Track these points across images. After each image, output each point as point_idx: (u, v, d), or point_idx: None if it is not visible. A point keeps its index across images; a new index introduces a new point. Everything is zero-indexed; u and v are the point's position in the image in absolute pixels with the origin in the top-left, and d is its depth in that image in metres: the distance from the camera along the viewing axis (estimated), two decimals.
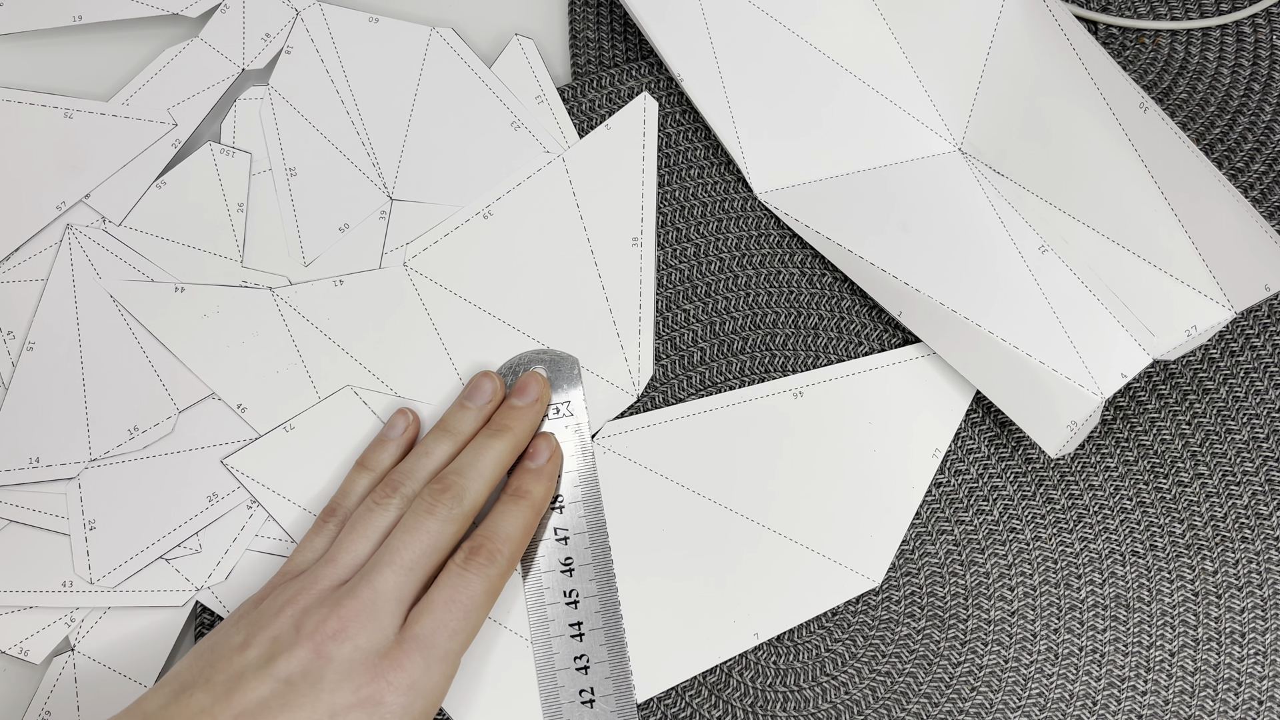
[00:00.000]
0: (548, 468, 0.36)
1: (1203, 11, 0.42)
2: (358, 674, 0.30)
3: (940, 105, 0.39)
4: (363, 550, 0.33)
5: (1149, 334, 0.35)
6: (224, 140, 0.40)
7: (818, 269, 0.39)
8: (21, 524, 0.37)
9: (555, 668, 0.34)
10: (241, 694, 0.29)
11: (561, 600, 0.35)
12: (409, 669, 0.30)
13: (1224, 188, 0.34)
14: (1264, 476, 0.37)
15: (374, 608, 0.31)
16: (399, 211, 0.39)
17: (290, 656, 0.30)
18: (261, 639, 0.31)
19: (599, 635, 0.35)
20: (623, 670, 0.35)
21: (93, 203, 0.39)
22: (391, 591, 0.31)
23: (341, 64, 0.41)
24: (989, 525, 0.37)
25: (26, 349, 0.38)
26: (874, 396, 0.37)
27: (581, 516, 0.36)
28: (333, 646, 0.30)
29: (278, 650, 0.30)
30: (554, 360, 0.37)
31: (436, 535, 0.32)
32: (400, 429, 0.37)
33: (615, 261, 0.38)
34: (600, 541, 0.36)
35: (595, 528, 0.36)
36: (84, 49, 0.42)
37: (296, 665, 0.30)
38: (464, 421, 0.36)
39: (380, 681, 0.30)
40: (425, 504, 0.33)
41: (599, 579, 0.35)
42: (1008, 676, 0.36)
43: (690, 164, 0.40)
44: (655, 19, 0.39)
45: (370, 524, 0.33)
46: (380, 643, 0.30)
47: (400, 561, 0.32)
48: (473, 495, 0.33)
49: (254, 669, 0.30)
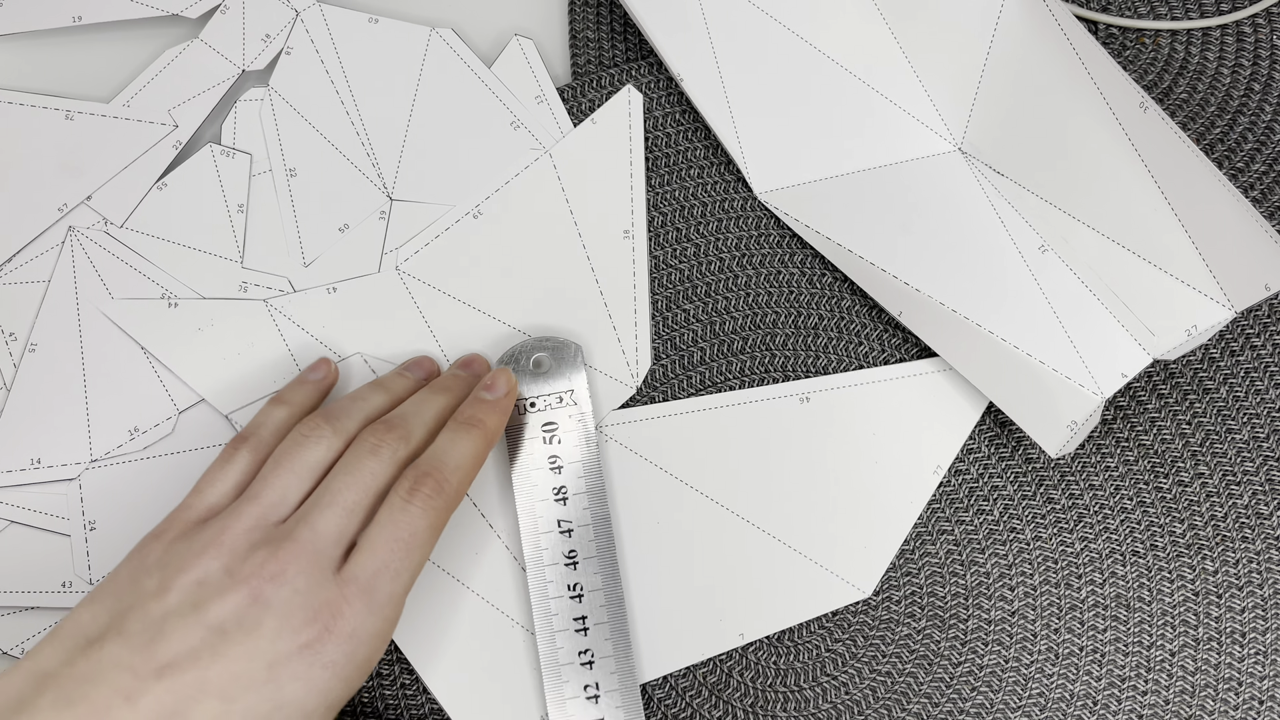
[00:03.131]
0: (504, 401, 0.34)
1: (1203, 11, 0.42)
2: (297, 620, 0.27)
3: (940, 105, 0.39)
4: (291, 486, 0.30)
5: (1149, 334, 0.35)
6: (224, 141, 0.40)
7: (818, 269, 0.39)
8: (22, 524, 0.37)
9: (559, 662, 0.34)
10: (166, 644, 0.27)
11: (565, 594, 0.35)
12: (350, 616, 0.28)
13: (1224, 188, 0.34)
14: (1264, 476, 0.37)
15: (314, 550, 0.28)
16: (399, 212, 0.39)
17: (222, 601, 0.27)
18: (183, 583, 0.28)
19: (604, 630, 0.34)
20: (628, 665, 0.34)
21: (94, 204, 0.39)
22: (332, 534, 0.29)
23: (341, 64, 0.41)
24: (989, 525, 0.37)
25: (28, 350, 0.38)
26: (881, 409, 0.37)
27: (586, 508, 0.35)
28: (270, 590, 0.27)
29: (206, 595, 0.27)
30: (556, 347, 0.37)
31: (378, 477, 0.30)
32: (320, 374, 0.35)
33: (608, 255, 0.39)
34: (605, 534, 0.35)
35: (600, 520, 0.35)
36: (84, 50, 0.42)
37: (230, 611, 0.27)
38: (399, 384, 0.34)
39: (319, 626, 0.27)
40: (369, 443, 0.31)
41: (603, 572, 0.35)
42: (1008, 676, 0.36)
43: (690, 164, 0.40)
44: (655, 19, 0.39)
45: (299, 458, 0.31)
46: (320, 587, 0.28)
47: (342, 503, 0.29)
48: (417, 439, 0.31)
49: (178, 615, 0.27)
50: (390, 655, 0.36)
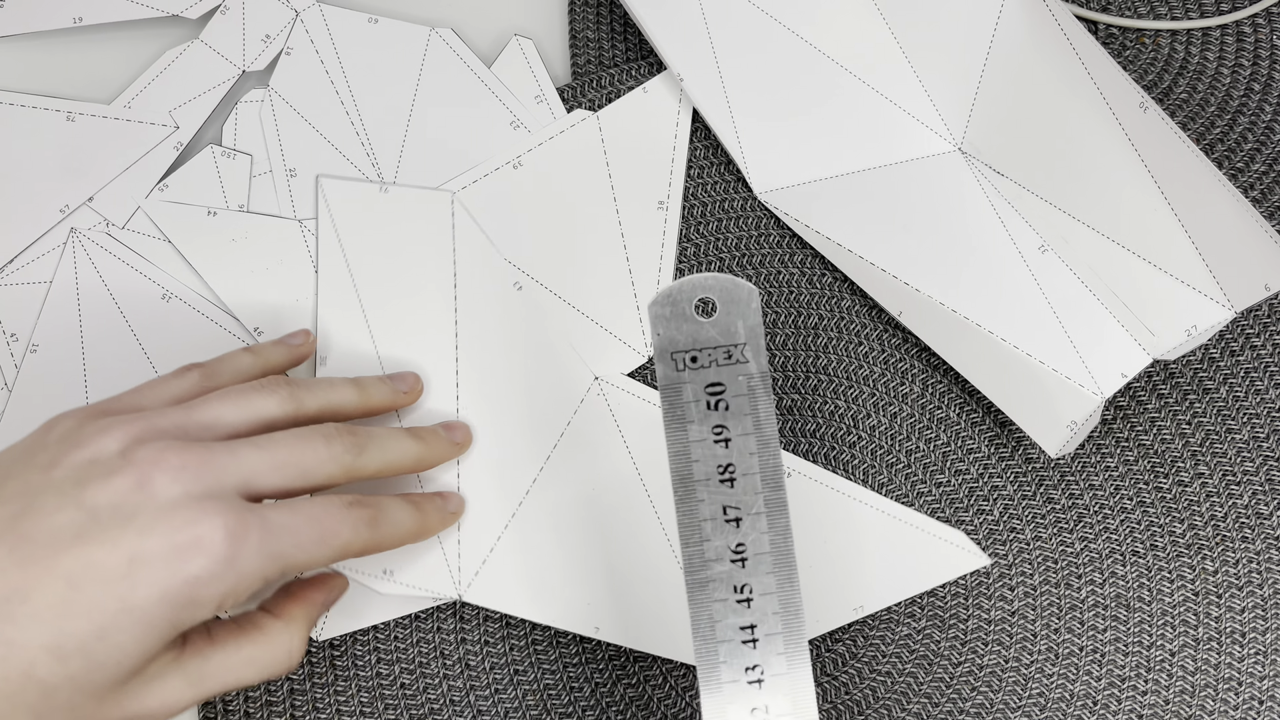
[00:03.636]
0: (450, 518, 0.34)
1: (1203, 11, 0.42)
2: (178, 519, 0.25)
3: (940, 105, 0.39)
4: (228, 417, 0.28)
5: (1149, 334, 0.35)
6: (225, 142, 0.40)
7: (818, 269, 0.39)
8: None
9: (722, 680, 0.28)
10: (32, 518, 0.25)
11: (731, 597, 0.28)
12: (236, 539, 0.25)
13: (1224, 187, 0.34)
14: (1264, 476, 0.37)
15: (223, 471, 0.26)
16: None
17: (107, 484, 0.25)
18: (76, 459, 0.26)
19: (777, 643, 0.28)
20: (805, 684, 0.28)
21: (96, 206, 0.39)
22: (248, 471, 0.27)
23: (341, 65, 0.41)
24: (989, 525, 0.37)
25: (30, 351, 0.38)
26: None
27: (759, 494, 0.28)
28: (161, 482, 0.25)
29: (92, 474, 0.26)
30: (727, 288, 0.28)
31: (319, 464, 0.29)
32: (298, 340, 0.35)
33: (639, 223, 0.39)
34: (780, 526, 0.28)
35: (775, 508, 0.28)
36: (85, 51, 0.42)
37: (110, 495, 0.25)
38: (378, 392, 0.34)
39: (197, 532, 0.25)
40: (326, 430, 0.29)
41: (778, 573, 0.28)
42: (1008, 676, 0.36)
43: (690, 164, 0.40)
44: (655, 19, 0.39)
45: (249, 400, 0.29)
46: (212, 499, 0.26)
47: (274, 457, 0.28)
48: (369, 464, 0.30)
49: (57, 491, 0.25)
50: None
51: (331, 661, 0.36)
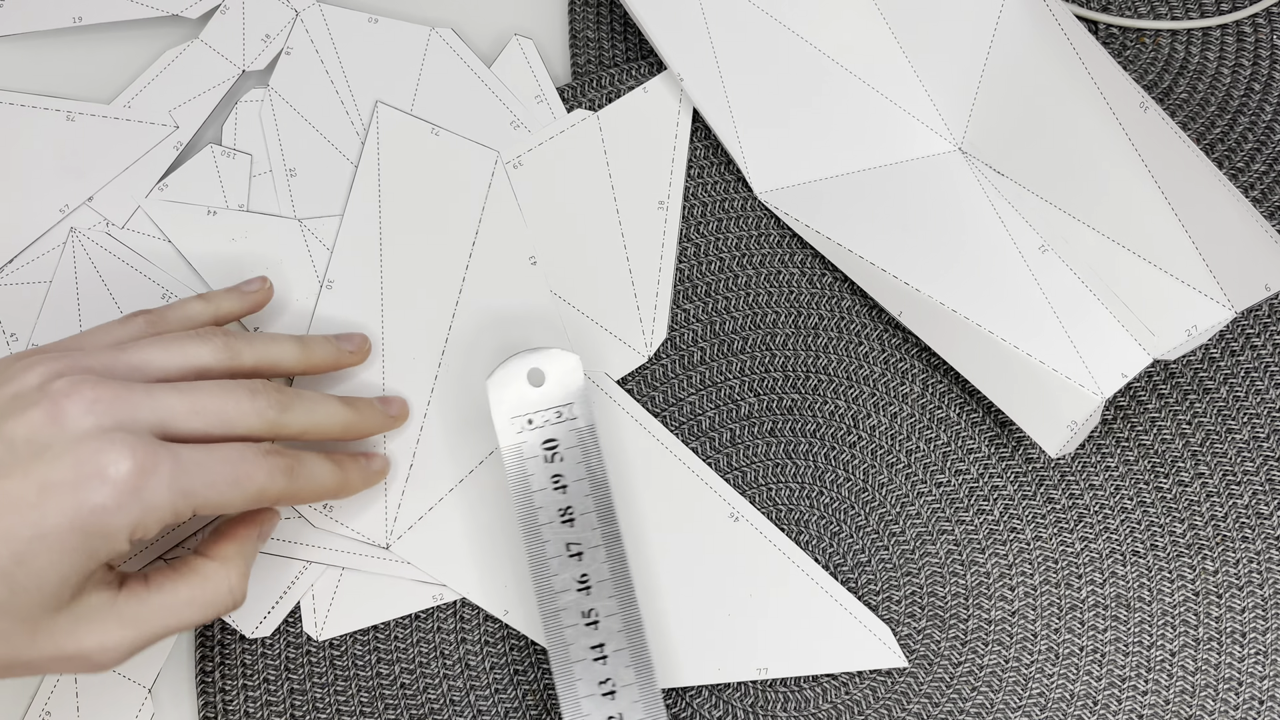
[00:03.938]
0: (375, 479, 0.34)
1: (1203, 11, 0.42)
2: (86, 450, 0.26)
3: (940, 105, 0.39)
4: (158, 361, 0.29)
5: (1149, 334, 0.35)
6: (224, 142, 0.40)
7: (818, 269, 0.39)
8: None
9: (579, 695, 0.32)
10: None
11: (580, 622, 0.33)
12: (146, 472, 0.26)
13: (1224, 187, 0.34)
14: (1264, 476, 0.37)
15: (137, 408, 0.27)
16: None
17: (24, 416, 0.26)
18: (1, 395, 0.27)
19: (624, 656, 0.33)
20: (653, 694, 0.32)
21: (95, 205, 0.39)
22: (164, 412, 0.27)
23: (341, 65, 0.41)
24: (989, 525, 0.37)
25: None
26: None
27: (595, 529, 0.33)
28: (75, 415, 0.26)
29: (13, 409, 0.26)
30: (553, 359, 0.35)
31: (240, 416, 0.29)
32: (255, 288, 0.35)
33: (639, 222, 0.39)
34: (617, 554, 0.33)
35: (611, 539, 0.33)
36: (85, 50, 0.42)
37: (26, 426, 0.26)
38: (320, 350, 0.34)
39: (106, 462, 0.26)
40: (254, 384, 0.30)
41: (619, 596, 0.33)
42: (1008, 676, 0.36)
43: (690, 164, 0.40)
44: (655, 19, 0.39)
45: (182, 347, 0.30)
46: (124, 431, 0.26)
47: (194, 402, 0.28)
48: (294, 422, 0.30)
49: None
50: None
51: (331, 661, 0.36)
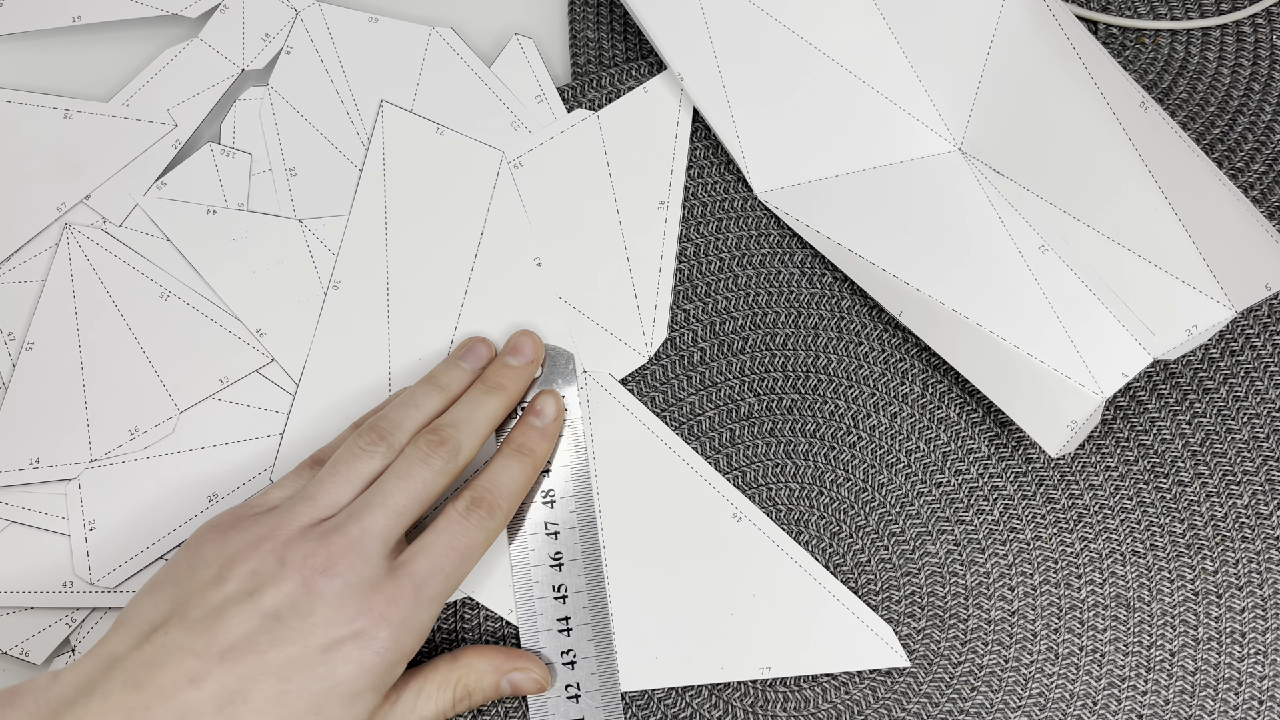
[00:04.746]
0: (552, 427, 0.35)
1: (1203, 11, 0.42)
2: (350, 608, 0.29)
3: (940, 105, 0.39)
4: (343, 493, 0.32)
5: (1149, 333, 0.35)
6: (224, 141, 0.40)
7: (818, 269, 0.39)
8: (22, 524, 0.37)
9: (542, 661, 0.35)
10: (225, 629, 0.28)
11: (550, 595, 0.35)
12: (401, 604, 0.30)
13: (1224, 187, 0.34)
14: (1264, 476, 0.37)
15: (362, 546, 0.30)
16: None
17: (277, 589, 0.29)
18: (240, 572, 0.29)
19: (586, 631, 0.35)
20: (610, 667, 0.35)
21: (93, 204, 0.39)
22: (380, 533, 0.30)
23: (341, 64, 0.41)
24: (989, 525, 0.37)
25: (26, 349, 0.38)
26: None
27: (573, 512, 0.36)
28: (322, 581, 0.29)
29: (260, 583, 0.29)
30: (550, 355, 0.37)
31: (428, 485, 0.32)
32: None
33: (639, 223, 0.39)
34: (591, 538, 0.36)
35: (586, 523, 0.36)
36: (84, 50, 0.42)
37: (284, 599, 0.29)
38: (455, 378, 0.35)
39: (373, 615, 0.29)
40: (420, 452, 0.32)
41: (588, 574, 0.35)
42: (1008, 676, 0.36)
43: (690, 164, 0.40)
44: (655, 19, 0.39)
45: (352, 468, 0.32)
46: (368, 579, 0.30)
47: (391, 505, 0.31)
48: (467, 450, 0.33)
49: (235, 603, 0.29)
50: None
51: None
